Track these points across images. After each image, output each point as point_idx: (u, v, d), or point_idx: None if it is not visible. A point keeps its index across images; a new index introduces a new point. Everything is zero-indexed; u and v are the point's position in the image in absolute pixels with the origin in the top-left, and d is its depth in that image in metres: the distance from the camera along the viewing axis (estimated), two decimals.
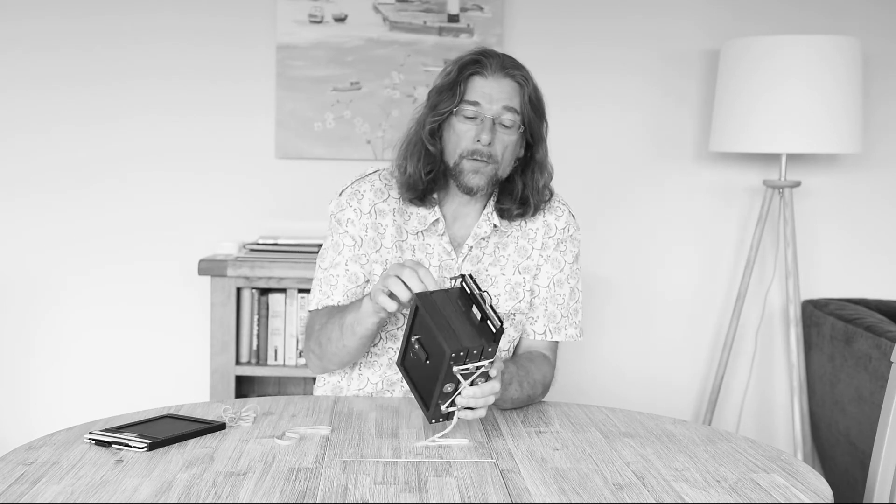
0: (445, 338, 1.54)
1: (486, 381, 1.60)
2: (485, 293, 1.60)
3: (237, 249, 3.04)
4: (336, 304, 1.90)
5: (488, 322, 1.58)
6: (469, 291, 1.61)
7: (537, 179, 1.93)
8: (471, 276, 1.62)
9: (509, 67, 1.88)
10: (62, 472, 1.41)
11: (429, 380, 1.58)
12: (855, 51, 2.86)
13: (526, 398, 1.83)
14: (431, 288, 1.63)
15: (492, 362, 1.59)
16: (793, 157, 3.17)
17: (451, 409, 1.59)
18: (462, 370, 1.56)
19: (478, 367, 1.57)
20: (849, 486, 2.82)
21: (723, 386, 3.21)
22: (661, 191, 3.23)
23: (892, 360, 1.72)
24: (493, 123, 1.85)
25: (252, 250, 2.97)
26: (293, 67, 3.10)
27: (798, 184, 2.99)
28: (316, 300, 1.93)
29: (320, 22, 3.10)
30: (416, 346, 1.60)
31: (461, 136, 1.87)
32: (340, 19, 3.10)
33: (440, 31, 3.11)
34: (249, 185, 3.16)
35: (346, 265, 1.91)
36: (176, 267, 3.15)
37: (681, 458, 1.54)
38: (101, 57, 3.10)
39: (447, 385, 1.57)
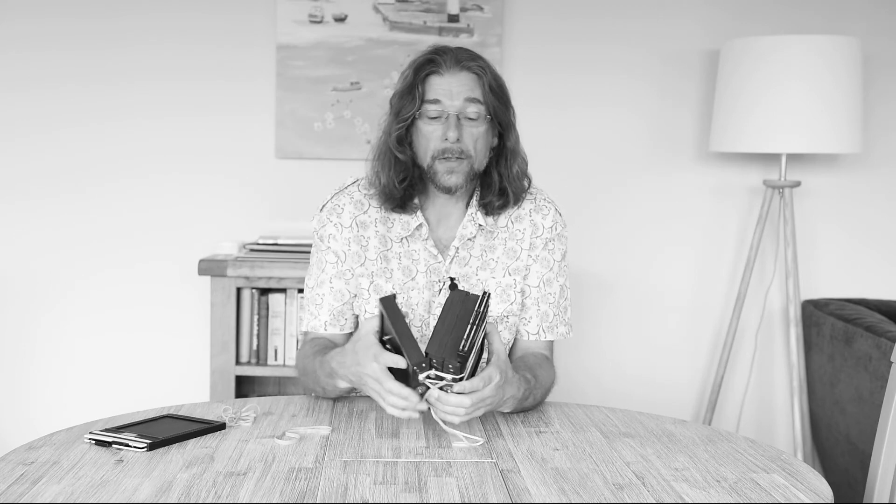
0: (406, 347, 1.57)
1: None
2: (485, 325, 1.64)
3: (237, 249, 3.03)
4: (322, 325, 1.91)
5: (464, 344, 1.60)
6: (477, 309, 1.63)
7: (511, 167, 1.91)
8: (488, 297, 1.65)
9: (465, 60, 1.85)
10: (62, 472, 1.42)
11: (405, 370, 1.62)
12: (855, 51, 2.86)
13: (534, 404, 1.84)
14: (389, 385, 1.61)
15: (458, 379, 1.57)
16: (793, 157, 3.17)
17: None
18: (426, 378, 1.57)
19: (438, 377, 1.57)
20: (849, 486, 2.82)
21: (723, 386, 3.21)
22: (661, 191, 3.22)
23: (892, 360, 1.72)
24: (458, 119, 1.83)
25: (252, 250, 2.97)
26: (293, 67, 3.10)
27: (798, 184, 2.99)
28: (306, 321, 1.95)
29: (320, 22, 3.10)
30: (388, 348, 1.64)
31: (429, 138, 1.85)
32: (340, 19, 3.10)
33: (440, 31, 3.10)
34: (249, 185, 3.16)
35: (331, 283, 1.91)
36: (176, 267, 3.14)
37: (681, 458, 1.54)
38: (101, 57, 3.10)
39: (419, 388, 1.59)
